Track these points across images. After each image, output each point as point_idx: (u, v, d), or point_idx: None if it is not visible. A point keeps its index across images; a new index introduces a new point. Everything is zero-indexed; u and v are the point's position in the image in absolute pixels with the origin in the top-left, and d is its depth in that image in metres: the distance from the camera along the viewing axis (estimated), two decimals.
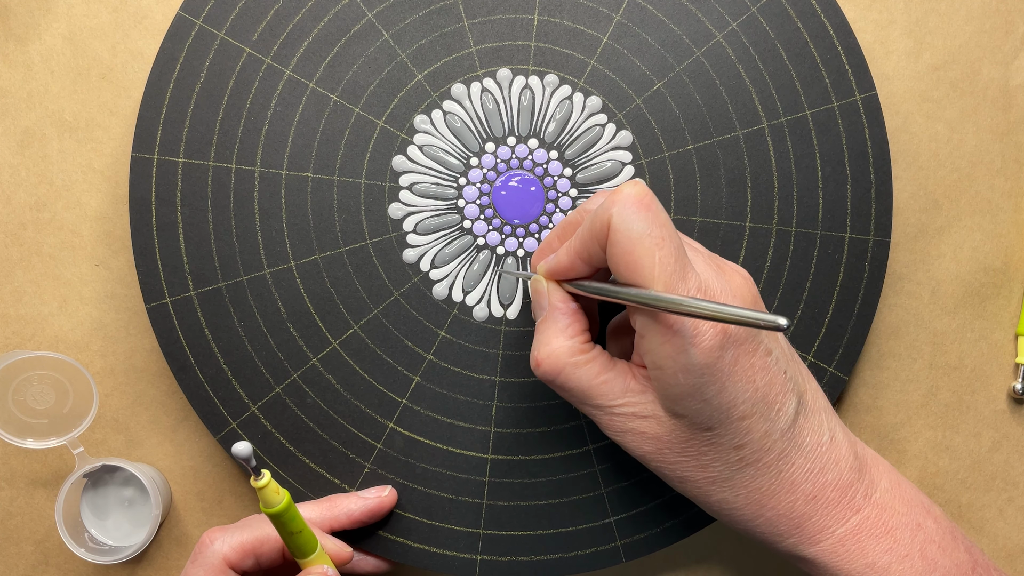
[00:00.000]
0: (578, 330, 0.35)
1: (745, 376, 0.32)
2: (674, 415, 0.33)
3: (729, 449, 0.33)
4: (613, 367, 0.34)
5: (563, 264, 0.35)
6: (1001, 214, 0.44)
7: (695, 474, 0.34)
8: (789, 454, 0.33)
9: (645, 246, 0.31)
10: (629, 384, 0.34)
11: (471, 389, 0.42)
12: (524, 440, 0.42)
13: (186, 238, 0.41)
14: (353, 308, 0.41)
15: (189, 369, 0.41)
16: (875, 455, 0.36)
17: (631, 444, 0.34)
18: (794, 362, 0.35)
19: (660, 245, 0.31)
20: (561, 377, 0.34)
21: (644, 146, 0.42)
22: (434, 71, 0.42)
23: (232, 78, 0.41)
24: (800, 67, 0.41)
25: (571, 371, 0.34)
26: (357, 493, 0.41)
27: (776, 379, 0.33)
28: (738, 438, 0.33)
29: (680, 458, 0.34)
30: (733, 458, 0.33)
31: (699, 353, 0.31)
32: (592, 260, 0.34)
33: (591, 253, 0.33)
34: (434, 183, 0.42)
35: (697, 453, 0.33)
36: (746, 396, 0.32)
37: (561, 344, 0.34)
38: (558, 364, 0.34)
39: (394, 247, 0.41)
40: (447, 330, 0.41)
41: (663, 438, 0.34)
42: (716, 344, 0.31)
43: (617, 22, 0.41)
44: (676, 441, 0.33)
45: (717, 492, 0.34)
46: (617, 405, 0.34)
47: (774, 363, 0.33)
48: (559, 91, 0.42)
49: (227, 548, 0.36)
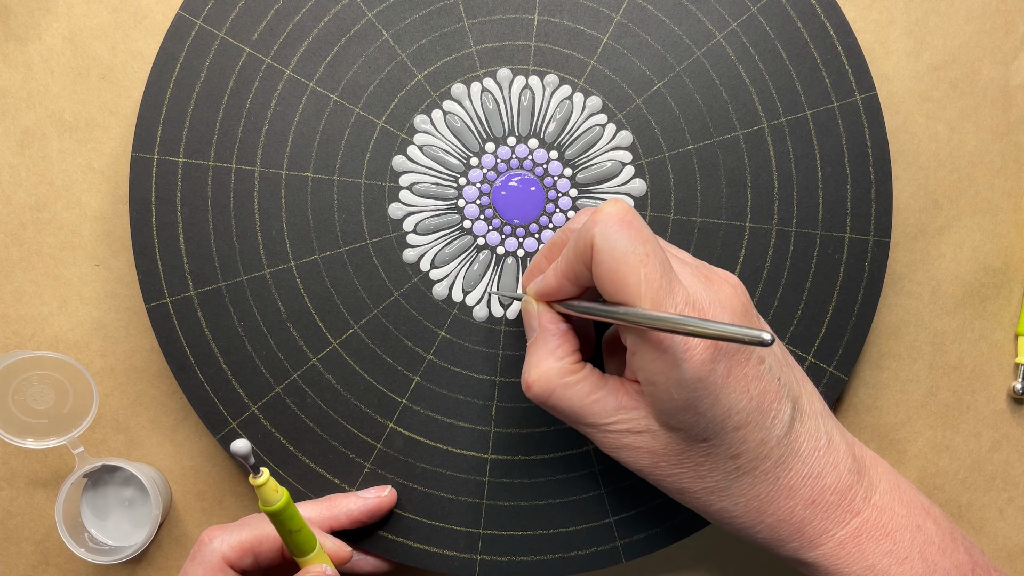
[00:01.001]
0: (568, 351, 0.35)
1: (738, 387, 0.32)
2: (669, 428, 0.33)
3: (725, 459, 0.33)
4: (604, 385, 0.34)
5: (551, 286, 0.35)
6: (1001, 214, 0.44)
7: (693, 485, 0.34)
8: (786, 460, 0.33)
9: (630, 264, 0.31)
10: (622, 401, 0.34)
11: (471, 389, 0.42)
12: (524, 440, 0.42)
13: (186, 238, 0.41)
14: (353, 308, 0.41)
15: (189, 369, 0.41)
16: (874, 456, 0.36)
17: (628, 459, 0.34)
18: (788, 367, 0.35)
19: (644, 262, 0.31)
20: (552, 398, 0.34)
21: (644, 146, 0.42)
22: (434, 71, 0.42)
23: (232, 78, 0.41)
24: (800, 67, 0.41)
25: (562, 392, 0.34)
26: (357, 493, 0.41)
27: (770, 387, 0.33)
28: (734, 448, 0.33)
29: (677, 470, 0.34)
30: (730, 467, 0.33)
31: (691, 368, 0.31)
32: (579, 280, 0.33)
33: (577, 273, 0.33)
34: (434, 183, 0.42)
35: (694, 464, 0.33)
36: (740, 406, 0.32)
37: (551, 365, 0.34)
38: (549, 386, 0.34)
39: (394, 247, 0.41)
40: (447, 330, 0.41)
41: (659, 452, 0.34)
42: (707, 358, 0.31)
43: (617, 22, 0.41)
44: (672, 454, 0.33)
45: (716, 502, 0.34)
46: (611, 423, 0.34)
47: (767, 371, 0.33)
48: (559, 91, 0.42)
49: (226, 547, 0.36)
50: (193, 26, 0.41)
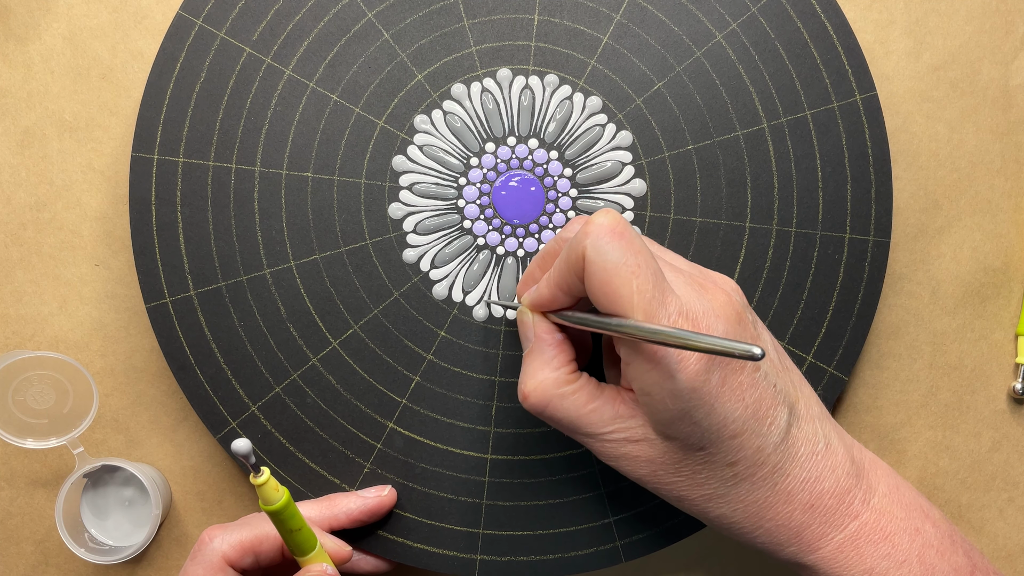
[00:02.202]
0: (564, 361, 0.35)
1: (734, 395, 0.32)
2: (666, 437, 0.33)
3: (723, 467, 0.33)
4: (601, 394, 0.34)
5: (544, 296, 0.35)
6: (1001, 214, 0.44)
7: (691, 492, 0.34)
8: (784, 466, 0.33)
9: (622, 276, 0.31)
10: (619, 410, 0.34)
11: (471, 389, 0.42)
12: (524, 440, 0.42)
13: (186, 238, 0.41)
14: (353, 308, 0.41)
15: (189, 369, 0.41)
16: (873, 458, 0.36)
17: (626, 468, 0.34)
18: (785, 371, 0.35)
19: (636, 273, 0.31)
20: (549, 409, 0.34)
21: (644, 146, 0.42)
22: (434, 71, 0.42)
23: (232, 77, 0.41)
24: (800, 67, 0.41)
25: (558, 402, 0.34)
26: (357, 493, 0.41)
27: (765, 394, 0.33)
28: (731, 455, 0.33)
29: (675, 478, 0.34)
30: (727, 475, 0.33)
31: (685, 379, 0.31)
32: (572, 291, 0.33)
33: (570, 284, 0.33)
34: (434, 183, 0.42)
35: (691, 473, 0.33)
36: (736, 415, 0.32)
37: (547, 376, 0.34)
38: (545, 396, 0.34)
39: (394, 247, 0.41)
40: (447, 330, 0.42)
41: (657, 460, 0.34)
42: (701, 368, 0.31)
43: (617, 22, 0.41)
44: (670, 462, 0.33)
45: (715, 508, 0.34)
46: (608, 432, 0.34)
47: (763, 378, 0.33)
48: (559, 91, 0.42)
49: (226, 546, 0.36)
50: (193, 26, 0.41)
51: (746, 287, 0.42)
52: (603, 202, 0.42)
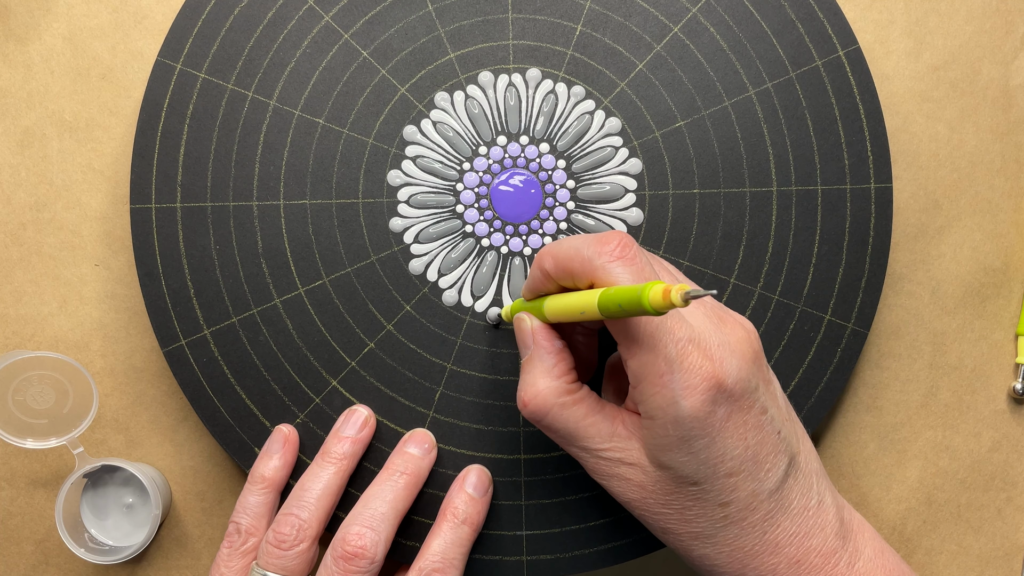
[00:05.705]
0: (564, 369, 0.34)
1: (736, 433, 0.32)
2: (659, 466, 0.32)
3: (714, 506, 0.33)
4: (601, 410, 0.34)
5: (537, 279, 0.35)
6: (1001, 214, 0.44)
7: (678, 527, 0.34)
8: (775, 515, 0.33)
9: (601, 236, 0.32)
10: (616, 429, 0.33)
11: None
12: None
13: (187, 151, 0.41)
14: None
15: (155, 276, 0.41)
16: (861, 520, 0.36)
17: (617, 489, 0.34)
18: (790, 422, 0.35)
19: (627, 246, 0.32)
20: (548, 418, 0.34)
21: (651, 179, 0.42)
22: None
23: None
24: (824, 142, 0.41)
25: (558, 412, 0.34)
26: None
27: (768, 439, 0.32)
28: (724, 495, 0.32)
29: (664, 510, 0.33)
30: (718, 515, 0.33)
31: (689, 405, 0.30)
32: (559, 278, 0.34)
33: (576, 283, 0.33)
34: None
35: (681, 507, 0.33)
36: (735, 453, 0.32)
37: (548, 384, 0.34)
38: (545, 405, 0.34)
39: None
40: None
41: (648, 487, 0.33)
42: (708, 398, 0.31)
43: (656, 52, 0.41)
44: (661, 492, 0.33)
45: (699, 547, 0.34)
46: (604, 448, 0.33)
47: (768, 422, 0.32)
48: (582, 104, 0.42)
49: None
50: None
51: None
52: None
